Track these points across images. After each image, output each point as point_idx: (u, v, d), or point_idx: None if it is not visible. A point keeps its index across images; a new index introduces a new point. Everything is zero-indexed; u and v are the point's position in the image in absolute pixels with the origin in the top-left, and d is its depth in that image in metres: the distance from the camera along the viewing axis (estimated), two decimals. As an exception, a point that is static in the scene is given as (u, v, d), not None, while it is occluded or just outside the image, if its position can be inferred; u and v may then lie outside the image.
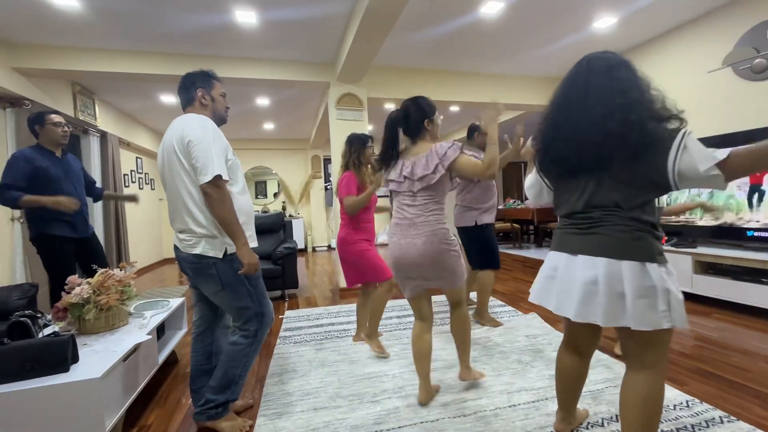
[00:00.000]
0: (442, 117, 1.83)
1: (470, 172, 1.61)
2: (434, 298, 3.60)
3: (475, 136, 2.87)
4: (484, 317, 2.82)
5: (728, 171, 0.98)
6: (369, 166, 2.39)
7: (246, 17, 3.07)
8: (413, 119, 1.75)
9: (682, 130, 1.02)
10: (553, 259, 1.26)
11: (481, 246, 2.74)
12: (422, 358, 1.76)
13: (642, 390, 1.13)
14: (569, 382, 1.40)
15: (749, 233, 2.93)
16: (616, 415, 1.60)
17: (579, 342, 1.36)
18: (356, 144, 2.39)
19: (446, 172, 1.64)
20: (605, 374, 1.95)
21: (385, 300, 2.40)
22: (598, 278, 1.09)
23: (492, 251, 2.74)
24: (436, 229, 1.66)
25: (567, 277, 1.18)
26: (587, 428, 1.53)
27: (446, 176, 1.66)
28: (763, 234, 2.84)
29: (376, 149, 2.11)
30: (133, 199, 2.76)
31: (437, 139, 1.80)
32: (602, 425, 1.54)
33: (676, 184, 1.04)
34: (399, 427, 1.59)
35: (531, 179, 1.43)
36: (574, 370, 1.38)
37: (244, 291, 1.56)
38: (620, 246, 1.08)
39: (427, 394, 1.78)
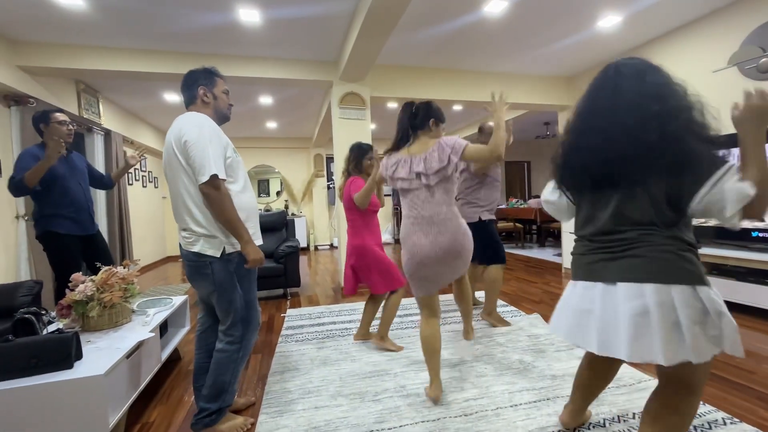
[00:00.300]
0: (445, 132, 1.87)
1: (478, 156, 1.65)
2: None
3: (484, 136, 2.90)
4: (493, 316, 2.79)
5: (750, 211, 0.90)
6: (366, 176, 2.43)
7: (249, 16, 3.08)
8: (429, 116, 1.78)
9: (727, 165, 0.92)
10: (584, 291, 1.09)
11: (487, 240, 2.71)
12: (435, 354, 1.77)
13: (680, 422, 1.05)
14: (595, 384, 1.38)
15: (754, 234, 2.91)
16: (618, 416, 1.59)
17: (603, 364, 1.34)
18: (355, 152, 2.43)
19: (457, 161, 1.66)
20: (607, 375, 1.94)
21: (397, 305, 2.42)
22: (648, 308, 0.95)
23: (498, 244, 2.75)
24: (459, 223, 1.72)
25: (608, 311, 1.01)
26: (589, 429, 1.52)
27: (455, 169, 1.70)
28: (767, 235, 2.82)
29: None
30: (130, 163, 2.70)
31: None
32: (604, 425, 1.54)
33: (686, 210, 0.97)
34: (400, 426, 1.59)
35: (550, 195, 1.32)
36: (603, 374, 1.35)
37: (235, 294, 1.56)
38: (667, 269, 0.95)
39: (439, 390, 1.78)
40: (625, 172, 1.01)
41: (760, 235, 2.86)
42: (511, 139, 2.54)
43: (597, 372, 1.37)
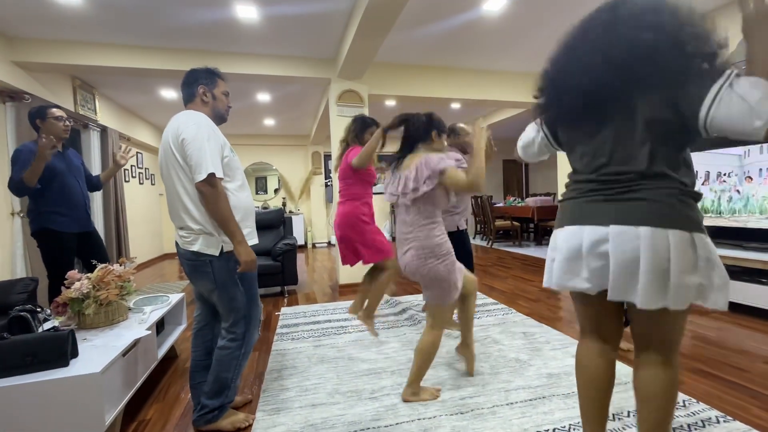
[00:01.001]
0: (447, 143, 1.85)
1: (455, 186, 1.61)
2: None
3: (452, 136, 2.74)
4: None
5: None
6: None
7: (247, 12, 3.06)
8: (430, 128, 1.77)
9: (729, 71, 0.83)
10: (573, 235, 1.02)
11: (464, 251, 2.61)
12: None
13: (663, 383, 1.01)
14: (602, 389, 1.13)
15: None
16: (614, 414, 1.60)
17: (605, 330, 1.11)
18: (359, 124, 2.40)
19: (436, 186, 1.63)
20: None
21: (386, 286, 2.39)
22: (639, 252, 0.90)
23: (470, 255, 2.67)
24: (424, 244, 1.67)
25: (596, 254, 0.97)
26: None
27: (439, 189, 1.65)
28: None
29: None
30: (119, 163, 2.68)
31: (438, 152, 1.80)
32: (599, 424, 1.55)
33: (705, 129, 0.86)
34: (397, 424, 1.60)
35: (529, 135, 1.26)
36: (606, 369, 1.12)
37: (236, 291, 1.56)
38: (668, 212, 0.90)
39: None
40: (621, 88, 0.92)
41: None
42: (495, 150, 2.50)
43: (599, 374, 1.14)
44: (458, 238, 2.64)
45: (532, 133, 1.26)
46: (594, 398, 1.14)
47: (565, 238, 1.05)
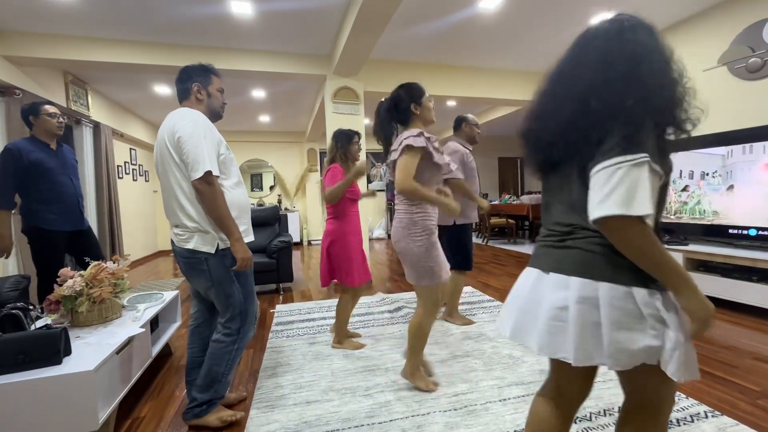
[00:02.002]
0: (432, 100, 1.79)
1: (400, 171, 1.62)
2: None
3: (462, 126, 2.78)
4: (453, 316, 2.78)
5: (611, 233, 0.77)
6: (354, 162, 2.41)
7: (241, 8, 3.04)
8: (402, 106, 1.74)
9: (635, 155, 0.74)
10: (525, 276, 0.99)
11: (457, 247, 2.68)
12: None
13: None
14: None
15: (752, 232, 2.97)
16: (605, 410, 1.63)
17: (563, 387, 0.98)
18: (342, 140, 2.39)
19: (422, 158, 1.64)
20: (595, 369, 1.98)
21: (351, 306, 2.39)
22: (569, 302, 0.84)
23: (469, 252, 2.70)
24: (402, 217, 1.72)
25: (534, 297, 0.92)
26: (575, 422, 1.55)
27: (422, 164, 1.65)
28: (744, 232, 2.88)
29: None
30: None
31: (430, 122, 1.78)
32: (590, 419, 1.57)
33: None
34: (390, 420, 1.61)
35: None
36: (550, 422, 0.98)
37: (232, 288, 1.56)
38: (598, 263, 0.83)
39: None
40: (571, 148, 0.86)
41: (741, 232, 2.92)
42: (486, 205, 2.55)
43: (541, 425, 1.01)
44: (454, 232, 2.66)
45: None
46: None
47: (521, 276, 1.01)
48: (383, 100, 1.81)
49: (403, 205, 1.72)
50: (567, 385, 0.97)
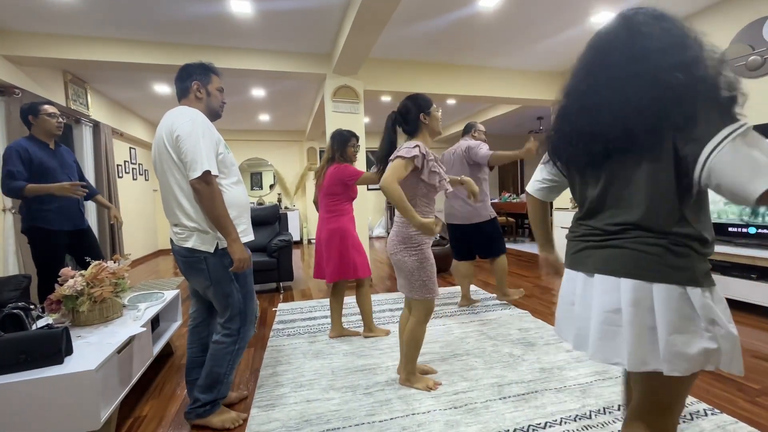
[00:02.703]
0: (440, 111, 1.83)
1: (386, 174, 1.62)
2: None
3: (472, 132, 3.11)
4: (508, 293, 3.16)
5: None
6: (352, 163, 2.46)
7: (241, 7, 3.03)
8: (410, 116, 1.76)
9: (740, 123, 0.73)
10: (568, 280, 0.97)
11: (495, 234, 3.01)
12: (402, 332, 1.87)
13: None
14: None
15: (751, 230, 2.97)
16: (604, 408, 1.63)
17: (654, 402, 0.93)
18: (338, 141, 2.42)
19: (414, 170, 1.67)
20: (594, 367, 1.99)
21: (370, 294, 2.50)
22: (620, 306, 0.82)
23: (502, 237, 3.07)
24: (399, 230, 1.74)
25: (585, 304, 0.90)
26: (575, 420, 1.56)
27: (412, 176, 1.67)
28: (744, 230, 2.88)
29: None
30: (110, 212, 2.72)
31: (437, 133, 1.81)
32: (590, 417, 1.58)
33: (700, 182, 0.76)
34: (391, 419, 1.62)
35: (542, 170, 1.14)
36: None
37: (231, 288, 1.56)
38: (650, 264, 0.80)
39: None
40: (626, 139, 0.82)
41: (742, 230, 2.92)
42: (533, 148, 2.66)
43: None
44: (489, 225, 2.97)
45: (542, 173, 1.13)
46: None
47: (564, 280, 0.99)
48: (392, 112, 1.83)
49: (402, 218, 1.73)
50: (657, 396, 0.89)
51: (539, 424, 1.55)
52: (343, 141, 2.41)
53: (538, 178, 1.15)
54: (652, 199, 0.82)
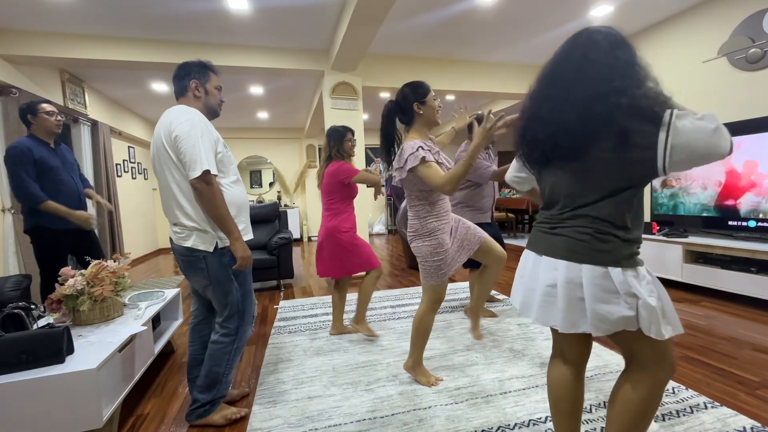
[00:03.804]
0: (438, 99, 1.77)
1: (428, 182, 1.61)
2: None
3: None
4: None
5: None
6: (350, 158, 2.44)
7: (238, 3, 3.02)
8: (406, 105, 1.73)
9: (667, 112, 0.90)
10: (524, 258, 1.18)
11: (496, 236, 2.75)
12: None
13: (630, 395, 1.04)
14: (563, 403, 1.18)
15: (751, 224, 2.97)
16: (604, 402, 1.64)
17: (565, 351, 1.19)
18: (335, 137, 2.41)
19: (408, 175, 1.67)
20: (594, 362, 1.99)
21: (373, 287, 2.45)
22: (557, 281, 1.02)
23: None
24: (413, 222, 1.78)
25: (532, 278, 1.11)
26: (576, 414, 1.56)
27: (415, 177, 1.67)
28: (744, 224, 2.88)
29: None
30: (96, 201, 2.67)
31: (434, 123, 1.77)
32: (590, 411, 1.58)
33: (665, 168, 0.92)
34: (392, 414, 1.62)
35: (514, 165, 1.30)
36: (566, 385, 1.18)
37: (231, 286, 1.56)
38: (580, 249, 0.99)
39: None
40: (570, 146, 1.00)
41: (743, 224, 2.92)
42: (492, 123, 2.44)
43: (558, 389, 1.20)
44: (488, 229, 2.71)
45: (516, 164, 1.28)
46: (562, 414, 1.20)
47: (521, 258, 1.20)
48: (389, 101, 1.80)
49: (413, 210, 1.76)
50: (568, 349, 1.18)
51: (540, 418, 1.55)
52: (339, 137, 2.40)
53: (512, 172, 1.31)
54: (583, 196, 1.01)
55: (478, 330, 2.39)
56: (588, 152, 0.98)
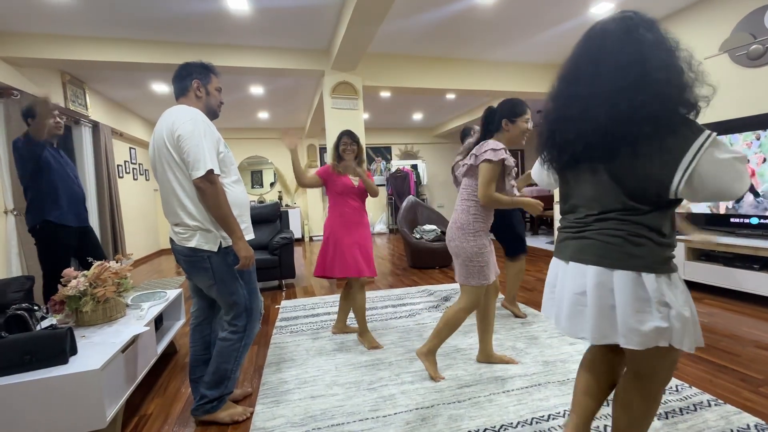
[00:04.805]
0: (530, 123, 1.80)
1: (480, 181, 1.70)
2: (434, 287, 3.62)
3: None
4: (514, 304, 2.76)
5: None
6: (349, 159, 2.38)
7: (238, 4, 3.02)
8: (494, 117, 1.83)
9: (706, 133, 0.83)
10: (552, 266, 1.12)
11: (505, 231, 2.74)
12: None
13: (632, 397, 1.03)
14: (584, 400, 1.16)
15: (753, 221, 2.96)
16: (608, 399, 1.63)
17: (597, 363, 1.16)
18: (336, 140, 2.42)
19: (475, 166, 1.74)
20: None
21: (364, 296, 2.40)
22: (586, 288, 0.95)
23: (518, 235, 2.74)
24: (458, 216, 1.81)
25: (561, 287, 1.05)
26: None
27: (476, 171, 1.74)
28: (746, 221, 2.87)
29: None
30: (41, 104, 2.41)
31: (516, 143, 1.84)
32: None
33: (676, 193, 0.86)
34: (395, 413, 1.62)
35: (537, 168, 1.26)
36: (589, 388, 1.16)
37: (236, 285, 1.57)
38: (610, 253, 0.92)
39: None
40: (600, 146, 0.93)
41: (744, 221, 2.91)
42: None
43: (583, 387, 1.18)
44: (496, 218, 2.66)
45: (538, 167, 1.23)
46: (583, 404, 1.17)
47: (550, 266, 1.14)
48: (490, 106, 1.90)
49: (463, 204, 1.80)
50: (602, 362, 1.13)
51: (542, 416, 1.55)
52: (337, 139, 2.40)
53: (537, 169, 1.26)
54: (614, 198, 0.94)
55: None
56: (619, 152, 0.90)
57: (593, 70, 0.93)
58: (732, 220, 3.01)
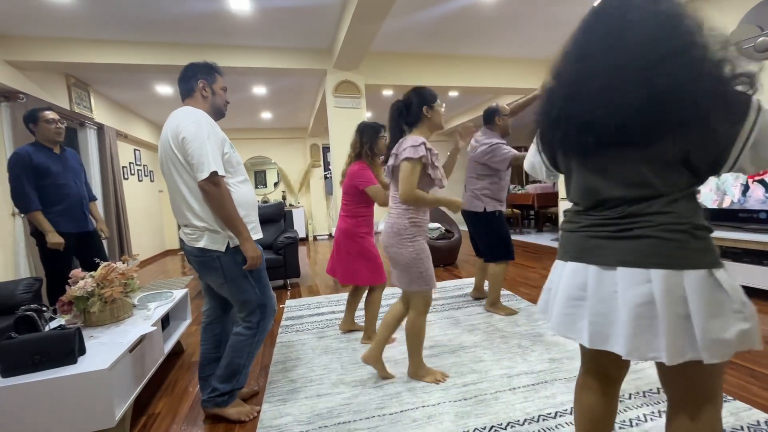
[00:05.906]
0: (444, 106, 1.80)
1: (401, 179, 1.64)
2: (438, 284, 3.64)
3: (496, 120, 2.65)
4: (497, 306, 2.76)
5: None
6: (382, 157, 2.26)
7: (239, 4, 3.02)
8: (413, 108, 1.75)
9: (755, 100, 0.73)
10: (574, 274, 0.90)
11: (491, 236, 2.67)
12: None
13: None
14: (595, 425, 1.00)
15: (762, 215, 2.93)
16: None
17: (607, 369, 0.98)
18: (368, 133, 2.24)
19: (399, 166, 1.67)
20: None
21: (379, 304, 2.37)
22: (654, 297, 0.77)
23: (504, 240, 2.66)
24: (394, 221, 1.73)
25: (604, 299, 0.84)
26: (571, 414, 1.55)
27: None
28: (755, 216, 2.84)
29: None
30: (100, 228, 2.72)
31: (439, 127, 1.79)
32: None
33: (735, 164, 0.75)
34: (401, 411, 1.62)
35: (531, 158, 1.11)
36: (601, 408, 0.99)
37: (246, 284, 1.57)
38: (677, 251, 0.77)
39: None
40: (639, 129, 0.77)
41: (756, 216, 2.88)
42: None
43: (591, 412, 1.01)
44: (482, 221, 2.65)
45: (534, 158, 1.09)
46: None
47: (567, 274, 0.92)
48: (396, 101, 1.81)
49: (396, 209, 1.74)
50: (615, 371, 0.97)
51: (549, 414, 1.55)
52: (374, 133, 2.24)
53: (530, 159, 1.11)
54: (664, 187, 0.79)
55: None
56: (664, 134, 0.76)
57: (616, 40, 0.79)
58: (740, 215, 2.98)
